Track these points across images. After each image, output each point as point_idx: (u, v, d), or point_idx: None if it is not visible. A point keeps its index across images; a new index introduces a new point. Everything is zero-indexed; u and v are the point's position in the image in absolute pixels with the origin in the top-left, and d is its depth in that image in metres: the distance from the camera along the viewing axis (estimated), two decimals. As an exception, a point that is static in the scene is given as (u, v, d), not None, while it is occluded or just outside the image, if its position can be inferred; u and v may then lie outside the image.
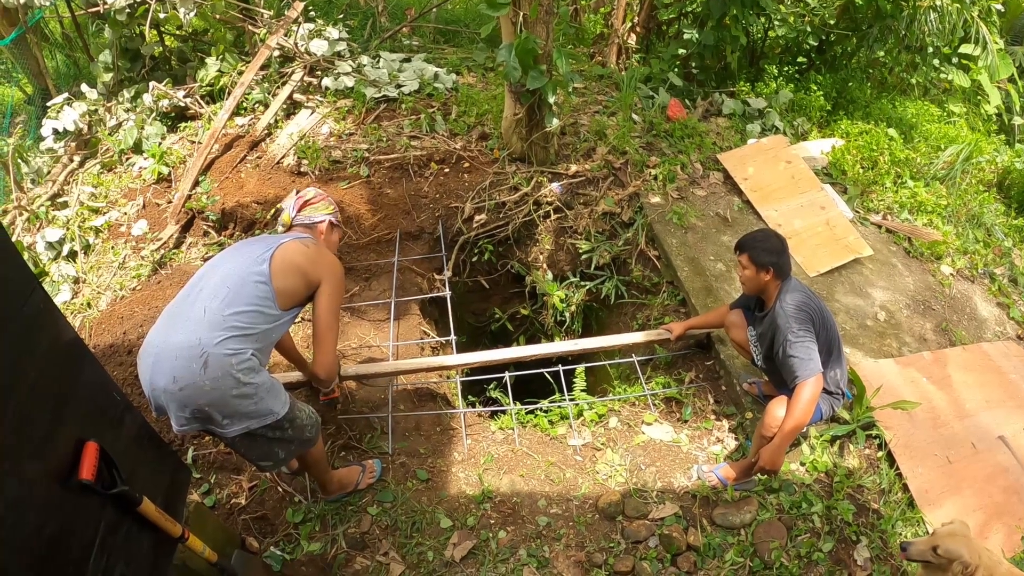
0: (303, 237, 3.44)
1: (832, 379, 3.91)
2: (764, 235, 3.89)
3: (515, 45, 5.32)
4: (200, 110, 7.24)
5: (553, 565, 3.86)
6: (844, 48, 8.91)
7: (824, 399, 3.92)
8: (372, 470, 4.28)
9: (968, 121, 9.10)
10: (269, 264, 3.17)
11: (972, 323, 5.55)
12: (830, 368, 3.87)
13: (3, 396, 1.82)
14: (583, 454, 4.68)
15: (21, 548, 1.79)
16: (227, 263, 3.23)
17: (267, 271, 3.15)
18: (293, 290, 3.24)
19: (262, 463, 3.37)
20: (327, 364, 3.40)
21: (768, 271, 3.79)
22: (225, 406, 2.96)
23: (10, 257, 1.98)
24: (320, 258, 3.37)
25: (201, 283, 3.16)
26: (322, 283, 3.33)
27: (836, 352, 3.92)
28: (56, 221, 6.46)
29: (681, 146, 6.99)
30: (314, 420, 3.50)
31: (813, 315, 3.73)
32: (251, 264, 3.17)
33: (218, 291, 3.06)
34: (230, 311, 3.00)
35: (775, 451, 3.65)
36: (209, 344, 2.90)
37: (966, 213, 6.68)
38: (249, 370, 2.99)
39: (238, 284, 3.09)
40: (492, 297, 7.09)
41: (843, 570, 3.76)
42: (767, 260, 3.76)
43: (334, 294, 3.37)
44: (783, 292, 3.81)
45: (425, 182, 6.48)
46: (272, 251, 3.23)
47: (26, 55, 8.41)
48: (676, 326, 4.92)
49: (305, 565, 3.81)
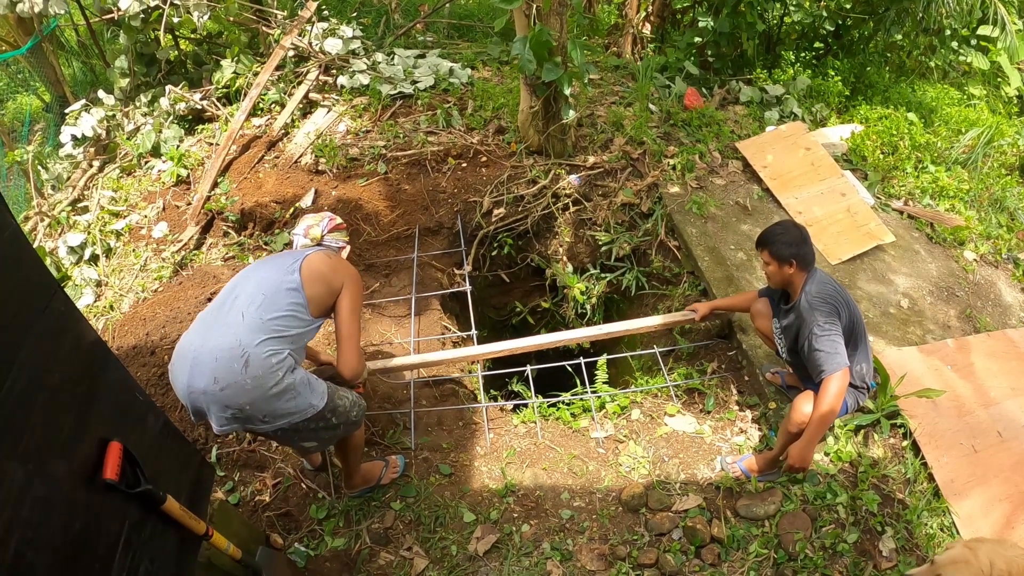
0: (325, 249, 3.66)
1: (858, 373, 3.84)
2: (783, 228, 3.82)
3: (529, 38, 5.31)
4: (217, 112, 7.27)
5: (577, 558, 3.86)
6: (861, 32, 8.83)
7: (850, 393, 3.85)
8: (395, 466, 4.32)
9: (988, 104, 9.01)
10: (300, 273, 3.34)
11: (996, 309, 5.48)
12: (856, 361, 3.80)
13: (28, 398, 1.84)
14: (606, 446, 4.67)
15: (47, 547, 1.82)
16: (259, 272, 3.40)
17: (299, 279, 3.31)
18: (321, 298, 3.37)
19: (306, 444, 3.47)
20: (352, 363, 3.45)
21: (791, 264, 3.73)
22: (265, 404, 3.07)
23: (31, 262, 2.00)
24: (340, 266, 3.56)
25: (236, 291, 3.30)
26: (343, 288, 3.47)
27: (862, 345, 3.86)
28: (77, 226, 6.52)
29: (699, 135, 6.96)
30: (357, 402, 3.63)
31: (839, 307, 3.66)
32: (283, 273, 3.34)
33: (254, 298, 3.21)
34: (268, 316, 3.16)
35: (804, 448, 3.58)
36: (250, 345, 3.03)
37: (988, 197, 6.60)
38: (287, 369, 3.13)
39: (273, 291, 3.25)
40: (512, 291, 7.08)
41: (868, 561, 3.73)
42: (789, 253, 3.71)
43: (355, 297, 3.51)
44: (808, 284, 3.74)
45: (443, 177, 6.48)
46: (300, 262, 3.41)
47: (43, 63, 8.51)
48: (701, 306, 4.85)
49: (329, 561, 3.82)
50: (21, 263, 1.96)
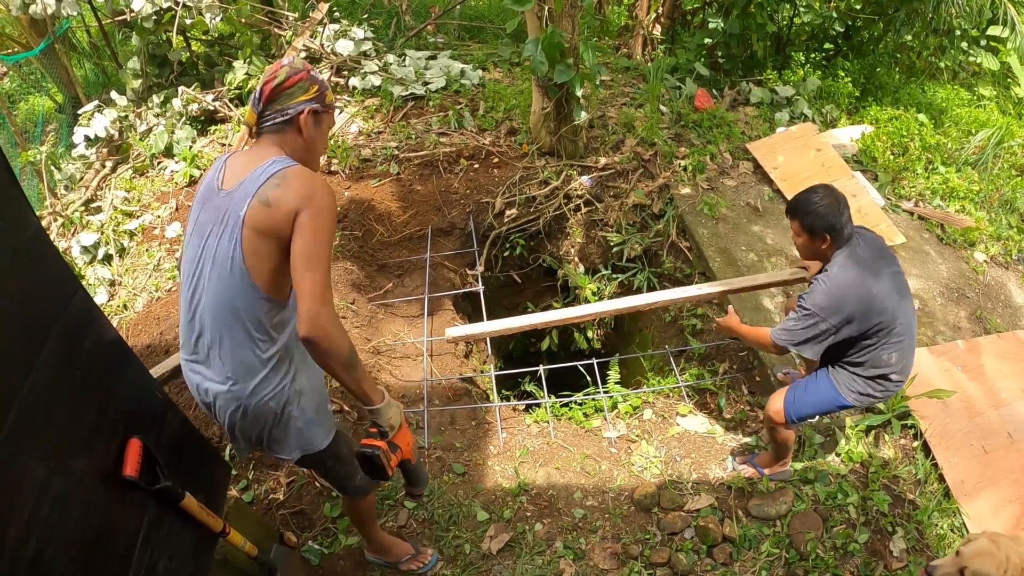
0: (270, 174, 2.39)
1: (879, 359, 3.44)
2: (818, 195, 3.32)
3: (541, 39, 5.32)
4: (229, 113, 7.31)
5: (589, 557, 3.88)
6: (871, 33, 8.81)
7: (855, 379, 3.55)
8: (423, 561, 3.81)
9: (999, 104, 8.97)
10: (243, 262, 2.37)
11: (1007, 310, 5.48)
12: (882, 349, 3.41)
13: (49, 396, 1.86)
14: (618, 446, 4.69)
15: (67, 543, 1.83)
16: (206, 287, 2.46)
17: (246, 274, 2.39)
18: (280, 265, 2.41)
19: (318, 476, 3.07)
20: (314, 314, 2.25)
21: (824, 239, 3.33)
22: (269, 437, 2.68)
23: (53, 259, 2.02)
24: (290, 189, 2.36)
25: (196, 309, 2.51)
26: (299, 212, 2.33)
27: (896, 334, 3.40)
28: (91, 226, 6.56)
29: (710, 136, 6.96)
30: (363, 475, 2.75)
31: (849, 305, 3.26)
32: (228, 280, 2.40)
33: (216, 334, 2.47)
34: (241, 352, 2.48)
35: (728, 322, 3.76)
36: (242, 395, 2.52)
37: (999, 198, 6.58)
38: (287, 401, 2.60)
39: (231, 319, 2.44)
40: (524, 291, 7.10)
41: (879, 561, 3.74)
42: (822, 226, 3.29)
43: (317, 222, 2.34)
44: (833, 264, 3.36)
45: (455, 178, 6.50)
46: (238, 239, 2.37)
47: (55, 65, 8.55)
48: (811, 263, 4.07)
49: (343, 559, 3.84)
50: (43, 261, 1.98)
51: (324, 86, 2.64)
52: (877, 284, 3.32)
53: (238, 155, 2.60)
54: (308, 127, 2.59)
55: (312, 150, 2.66)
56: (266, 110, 2.52)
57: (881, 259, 3.44)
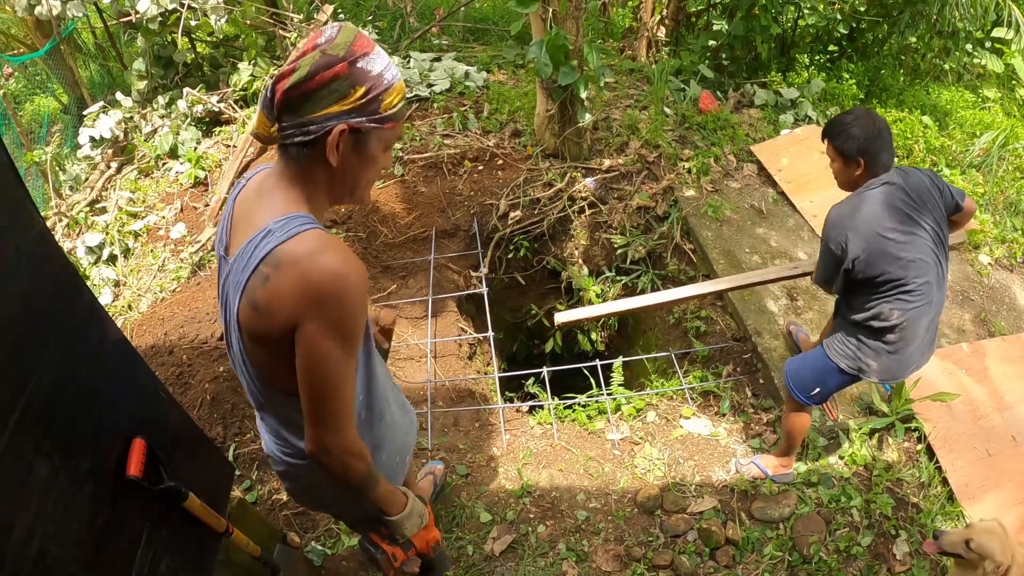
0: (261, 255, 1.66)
1: (881, 311, 3.20)
2: (855, 117, 3.11)
3: (546, 41, 5.32)
4: (234, 114, 7.32)
5: (592, 559, 3.88)
6: (875, 35, 8.80)
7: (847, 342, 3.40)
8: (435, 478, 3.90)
9: (1003, 106, 8.96)
10: (252, 368, 1.88)
11: (1011, 313, 5.46)
12: (886, 301, 3.17)
13: (54, 394, 1.87)
14: (621, 448, 4.68)
15: (71, 542, 1.84)
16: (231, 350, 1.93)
17: (261, 376, 1.90)
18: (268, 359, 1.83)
19: None
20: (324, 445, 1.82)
21: (858, 163, 3.12)
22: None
23: (58, 259, 2.03)
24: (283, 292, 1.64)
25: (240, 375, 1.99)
26: (298, 326, 1.65)
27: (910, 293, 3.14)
28: (95, 226, 6.57)
29: (714, 138, 6.95)
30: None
31: (855, 239, 3.07)
32: (246, 376, 1.95)
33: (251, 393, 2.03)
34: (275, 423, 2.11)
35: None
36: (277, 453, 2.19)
37: (1003, 200, 6.57)
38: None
39: (266, 410, 2.10)
40: (528, 293, 7.10)
41: (882, 564, 3.74)
42: (856, 148, 3.08)
43: (324, 345, 1.67)
44: (859, 194, 3.18)
45: (459, 180, 6.51)
46: (240, 342, 1.82)
47: (60, 66, 8.56)
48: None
49: (346, 559, 3.85)
50: (49, 261, 1.99)
51: (378, 84, 1.67)
52: (904, 230, 3.10)
53: (253, 188, 1.87)
54: (344, 154, 1.71)
55: (352, 180, 1.82)
56: (283, 119, 1.66)
57: (926, 209, 3.17)
